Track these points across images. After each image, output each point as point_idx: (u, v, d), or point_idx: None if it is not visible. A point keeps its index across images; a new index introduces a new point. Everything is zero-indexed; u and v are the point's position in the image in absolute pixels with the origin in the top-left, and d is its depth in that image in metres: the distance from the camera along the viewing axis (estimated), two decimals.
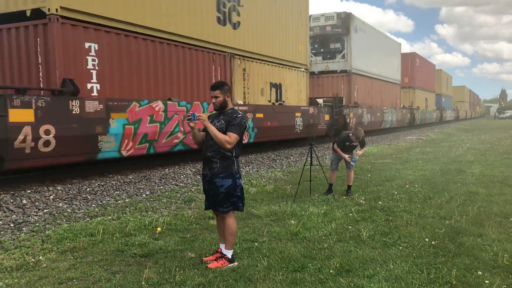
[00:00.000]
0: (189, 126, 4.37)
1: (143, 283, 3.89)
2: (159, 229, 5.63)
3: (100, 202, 7.31)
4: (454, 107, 58.13)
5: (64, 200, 7.22)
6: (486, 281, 3.87)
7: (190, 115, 4.24)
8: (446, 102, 50.68)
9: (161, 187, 8.67)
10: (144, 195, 7.94)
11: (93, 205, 7.10)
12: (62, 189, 7.77)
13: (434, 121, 42.85)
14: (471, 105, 77.64)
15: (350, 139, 7.71)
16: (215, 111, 4.46)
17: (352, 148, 7.97)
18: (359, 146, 8.05)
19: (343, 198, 7.54)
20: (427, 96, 40.39)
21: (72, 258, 4.64)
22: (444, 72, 50.17)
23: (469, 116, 72.32)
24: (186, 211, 6.73)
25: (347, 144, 7.86)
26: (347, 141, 7.80)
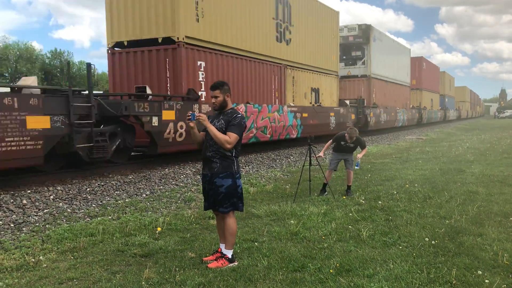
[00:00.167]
0: (188, 126, 4.36)
1: (143, 283, 3.89)
2: (159, 229, 5.64)
3: (100, 202, 7.32)
4: (456, 107, 60.70)
5: (64, 200, 7.22)
6: (486, 280, 3.87)
7: (190, 115, 4.22)
8: (449, 102, 53.43)
9: (161, 187, 8.67)
10: (144, 195, 7.94)
11: (93, 205, 7.11)
12: (62, 189, 7.78)
13: (439, 120, 45.43)
14: (472, 105, 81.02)
15: (346, 139, 7.65)
16: (215, 111, 4.45)
17: (348, 149, 7.85)
18: (359, 148, 7.96)
19: (343, 198, 7.54)
20: (432, 97, 43.21)
21: (72, 258, 4.64)
22: (447, 74, 52.73)
23: (470, 115, 74.84)
24: (186, 211, 6.73)
25: (343, 144, 7.78)
26: (342, 140, 7.73)
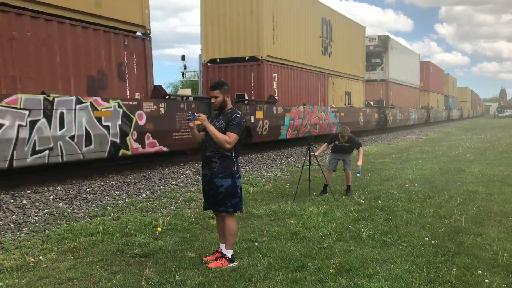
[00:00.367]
0: (188, 126, 4.35)
1: (143, 283, 3.89)
2: (159, 229, 5.64)
3: (100, 202, 7.32)
4: (458, 106, 64.38)
5: (64, 200, 7.22)
6: (486, 280, 3.87)
7: (190, 115, 4.21)
8: (452, 103, 57.27)
9: (161, 187, 8.68)
10: (144, 195, 7.94)
11: (93, 205, 7.11)
12: (62, 189, 7.78)
13: (444, 119, 49.34)
14: (473, 104, 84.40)
15: (339, 138, 7.67)
16: (215, 111, 4.44)
17: (345, 149, 7.86)
18: (355, 149, 7.92)
19: (343, 197, 7.54)
20: (438, 97, 47.21)
21: (72, 258, 4.64)
22: (451, 76, 57.12)
23: (471, 115, 78.63)
24: (186, 211, 6.73)
25: (338, 144, 7.81)
26: (337, 140, 7.75)
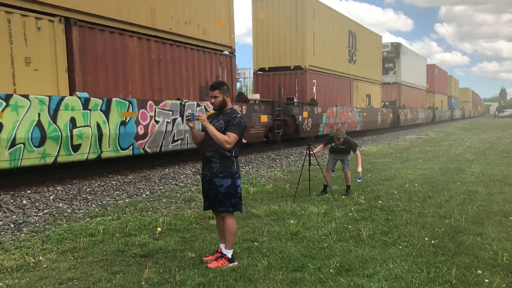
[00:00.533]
0: (188, 126, 4.35)
1: (143, 283, 3.89)
2: (159, 229, 5.64)
3: (100, 202, 7.32)
4: (460, 106, 67.48)
5: (64, 201, 7.22)
6: (486, 280, 3.87)
7: (189, 115, 4.21)
8: (455, 103, 60.75)
9: (161, 187, 8.68)
10: (144, 195, 7.94)
11: (93, 205, 7.11)
12: (62, 189, 7.78)
13: (447, 118, 52.68)
14: (473, 104, 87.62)
15: (335, 140, 7.68)
16: (214, 111, 4.44)
17: (342, 151, 7.86)
18: (351, 151, 7.92)
19: (343, 197, 7.54)
20: (442, 98, 50.57)
21: (72, 258, 4.64)
22: (454, 78, 60.30)
23: (472, 114, 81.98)
24: (186, 211, 6.73)
25: (334, 146, 7.83)
26: (333, 142, 7.78)
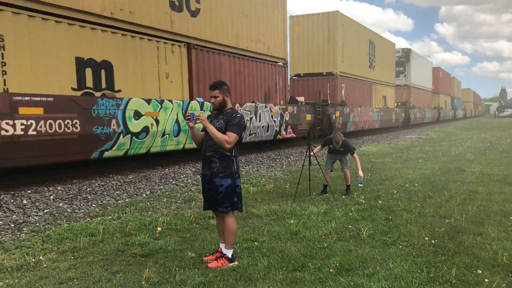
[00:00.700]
0: (188, 126, 4.35)
1: (143, 282, 3.89)
2: (159, 228, 5.64)
3: (100, 202, 7.32)
4: (462, 106, 70.64)
5: (64, 200, 7.23)
6: (486, 279, 3.87)
7: (190, 114, 4.20)
8: (457, 103, 63.93)
9: (161, 187, 8.68)
10: (144, 195, 7.94)
11: (93, 205, 7.11)
12: (62, 189, 7.78)
13: (450, 118, 55.77)
14: (474, 104, 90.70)
15: (332, 142, 7.73)
16: (214, 110, 4.44)
17: (340, 152, 7.91)
18: (349, 154, 7.94)
19: (343, 197, 7.54)
20: (446, 99, 53.84)
21: (73, 258, 4.65)
22: (456, 79, 63.74)
23: (473, 114, 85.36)
24: (186, 211, 6.73)
25: (331, 147, 7.89)
26: (330, 143, 7.83)
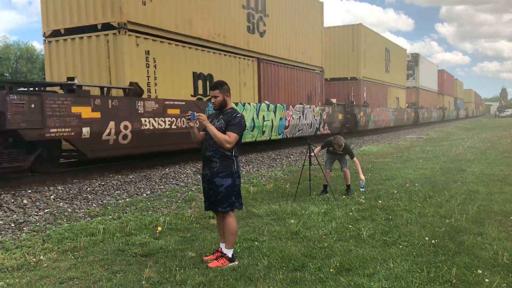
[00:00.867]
0: (188, 125, 4.35)
1: (143, 282, 3.90)
2: (159, 228, 5.65)
3: (101, 201, 7.32)
4: (464, 107, 73.83)
5: (65, 200, 7.23)
6: (486, 279, 3.87)
7: (190, 114, 4.21)
8: (460, 103, 67.52)
9: (161, 187, 8.68)
10: (144, 195, 7.95)
11: (93, 204, 7.12)
12: (63, 188, 7.79)
13: (454, 117, 59.09)
14: (476, 104, 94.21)
15: (333, 145, 7.75)
16: (215, 110, 4.45)
17: (339, 154, 7.92)
18: (349, 156, 7.97)
19: (343, 197, 7.54)
20: (450, 99, 57.16)
21: (73, 257, 4.65)
22: (459, 81, 67.69)
23: (474, 114, 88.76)
24: (187, 211, 6.74)
25: (331, 149, 7.93)
26: (331, 146, 7.87)
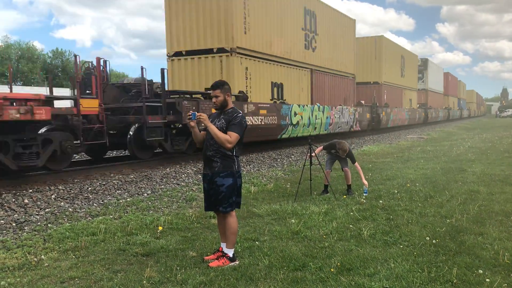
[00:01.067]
0: (189, 125, 4.35)
1: (144, 282, 3.90)
2: (160, 228, 5.65)
3: (102, 201, 7.33)
4: (467, 107, 77.76)
5: (66, 200, 7.24)
6: (487, 279, 3.87)
7: (191, 114, 4.21)
8: (463, 104, 71.32)
9: (162, 186, 8.69)
10: (145, 194, 7.95)
11: (94, 204, 7.12)
12: (64, 188, 7.80)
13: (457, 117, 62.92)
14: (477, 105, 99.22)
15: (337, 149, 7.76)
16: (216, 110, 4.45)
17: (340, 157, 7.95)
18: (349, 160, 7.97)
19: (344, 197, 7.54)
20: (454, 100, 60.93)
21: (74, 257, 4.66)
22: (462, 82, 71.75)
23: (476, 114, 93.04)
24: (187, 210, 6.74)
25: (333, 152, 7.94)
26: (333, 148, 7.88)
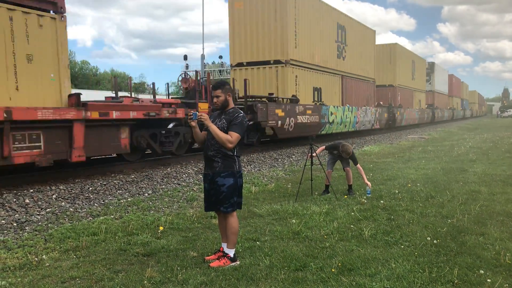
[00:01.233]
0: (190, 125, 4.35)
1: (145, 282, 3.90)
2: (161, 228, 5.65)
3: (103, 201, 7.34)
4: (470, 107, 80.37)
5: (67, 199, 7.25)
6: (488, 280, 3.86)
7: (192, 114, 4.22)
8: (465, 104, 74.01)
9: (163, 186, 8.69)
10: (146, 194, 7.96)
11: (95, 204, 7.13)
12: (65, 188, 7.81)
13: (461, 117, 65.84)
14: (479, 105, 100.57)
15: (339, 150, 7.78)
16: (217, 110, 4.45)
17: (342, 158, 7.98)
18: (351, 162, 8.00)
19: (345, 197, 7.54)
20: (457, 101, 63.94)
21: (75, 257, 4.66)
22: (465, 83, 74.31)
23: (478, 114, 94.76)
24: (188, 210, 6.74)
25: (335, 153, 7.97)
26: (336, 150, 7.92)
